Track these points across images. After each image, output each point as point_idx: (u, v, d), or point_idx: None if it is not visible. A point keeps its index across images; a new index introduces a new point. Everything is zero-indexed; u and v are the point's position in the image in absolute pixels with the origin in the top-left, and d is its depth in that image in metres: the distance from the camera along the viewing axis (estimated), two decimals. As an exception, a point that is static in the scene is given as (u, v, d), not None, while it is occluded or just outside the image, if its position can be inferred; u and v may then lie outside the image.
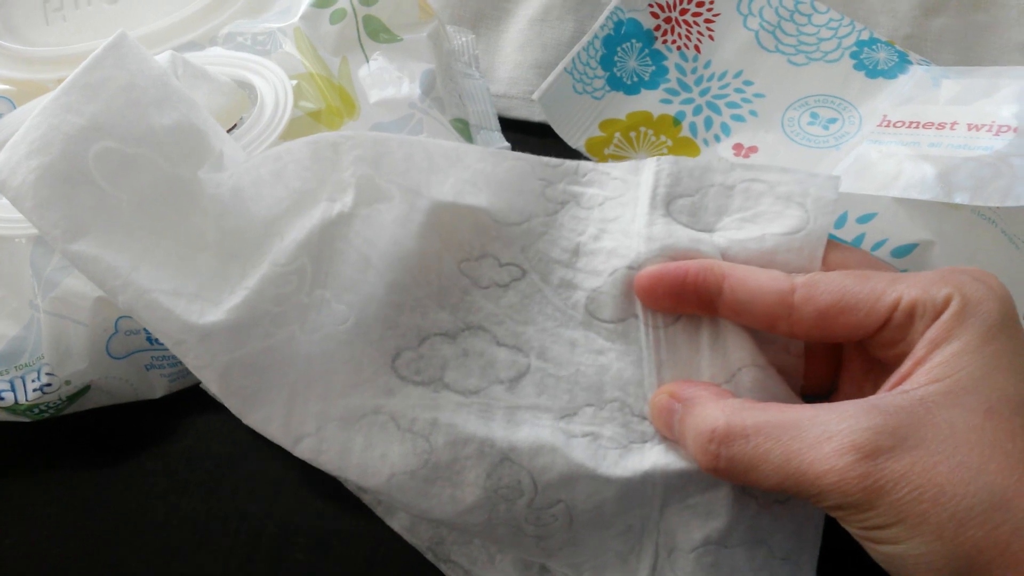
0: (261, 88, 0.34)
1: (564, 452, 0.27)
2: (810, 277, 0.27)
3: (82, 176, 0.26)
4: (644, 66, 0.42)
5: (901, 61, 0.40)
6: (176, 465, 0.35)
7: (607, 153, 0.40)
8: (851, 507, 0.23)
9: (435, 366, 0.28)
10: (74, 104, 0.26)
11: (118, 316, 0.33)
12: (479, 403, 0.28)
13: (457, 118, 0.38)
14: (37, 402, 0.33)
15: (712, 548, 0.27)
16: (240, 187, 0.28)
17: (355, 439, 0.27)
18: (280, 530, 0.34)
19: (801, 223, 0.29)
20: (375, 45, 0.37)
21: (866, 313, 0.25)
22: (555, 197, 0.31)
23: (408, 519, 0.33)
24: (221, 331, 0.26)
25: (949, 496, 0.22)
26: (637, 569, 0.28)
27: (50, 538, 0.34)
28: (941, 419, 0.23)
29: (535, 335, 0.29)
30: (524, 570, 0.31)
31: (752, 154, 0.39)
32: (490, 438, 0.27)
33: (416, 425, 0.27)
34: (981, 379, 0.23)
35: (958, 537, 0.21)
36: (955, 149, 0.35)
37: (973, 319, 0.24)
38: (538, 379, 0.29)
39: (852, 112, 0.39)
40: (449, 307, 0.30)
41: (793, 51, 0.41)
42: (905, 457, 0.22)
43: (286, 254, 0.27)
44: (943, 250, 0.35)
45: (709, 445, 0.25)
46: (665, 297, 0.28)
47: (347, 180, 0.29)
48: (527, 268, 0.30)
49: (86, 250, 0.25)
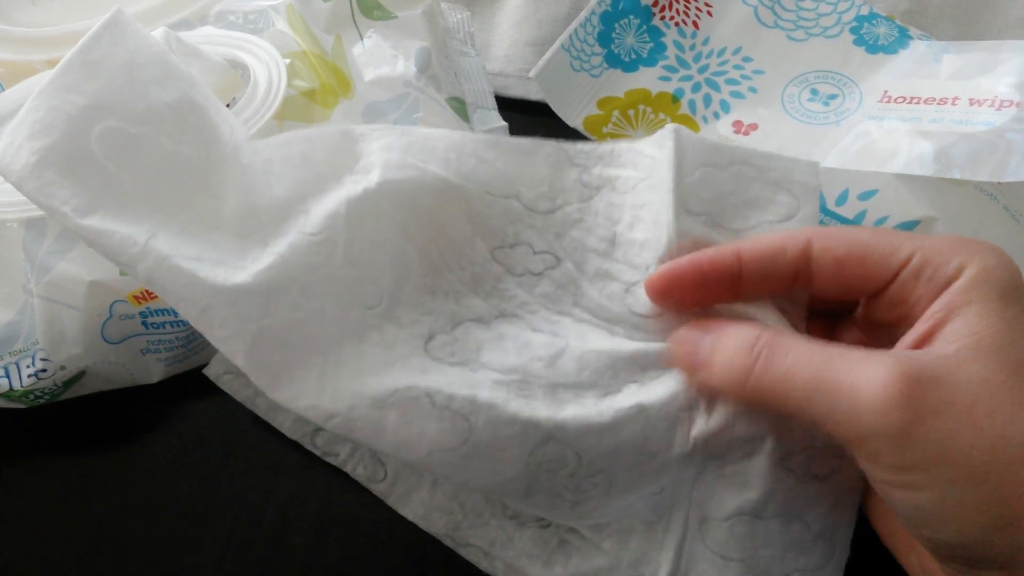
0: (254, 67, 0.34)
1: (612, 429, 0.26)
2: (825, 228, 0.27)
3: (86, 156, 0.25)
4: (642, 43, 0.41)
5: (902, 36, 0.40)
6: (174, 450, 0.35)
7: (605, 132, 0.40)
8: (886, 436, 0.22)
9: (470, 348, 0.28)
10: (73, 84, 0.26)
11: (113, 300, 0.33)
12: (518, 380, 0.27)
13: (453, 96, 0.38)
14: (32, 388, 0.33)
15: (746, 519, 0.27)
16: (271, 160, 0.28)
17: (388, 416, 0.26)
18: (279, 515, 0.34)
19: (791, 210, 0.29)
20: (369, 22, 0.36)
21: (879, 263, 0.25)
22: (591, 183, 0.30)
23: (423, 508, 0.33)
24: (250, 294, 0.25)
25: (987, 436, 0.21)
26: (663, 541, 0.28)
27: (48, 525, 0.34)
28: (972, 370, 0.22)
29: (572, 325, 0.29)
30: (543, 546, 0.31)
31: (752, 131, 0.39)
32: (534, 419, 0.26)
33: (454, 403, 0.26)
34: (1003, 340, 0.23)
35: (999, 485, 0.21)
36: (956, 124, 0.35)
37: (990, 285, 0.24)
38: (577, 355, 0.28)
39: (852, 88, 0.39)
40: (483, 294, 0.29)
41: (792, 27, 0.41)
42: (945, 389, 0.22)
43: (314, 224, 0.27)
44: (945, 226, 0.35)
45: (747, 358, 0.24)
46: (688, 293, 0.27)
47: (373, 162, 0.28)
48: (561, 256, 0.30)
49: (99, 224, 0.25)
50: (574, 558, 0.31)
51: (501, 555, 0.32)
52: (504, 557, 0.32)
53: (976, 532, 0.21)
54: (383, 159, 0.28)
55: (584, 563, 0.30)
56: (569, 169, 0.30)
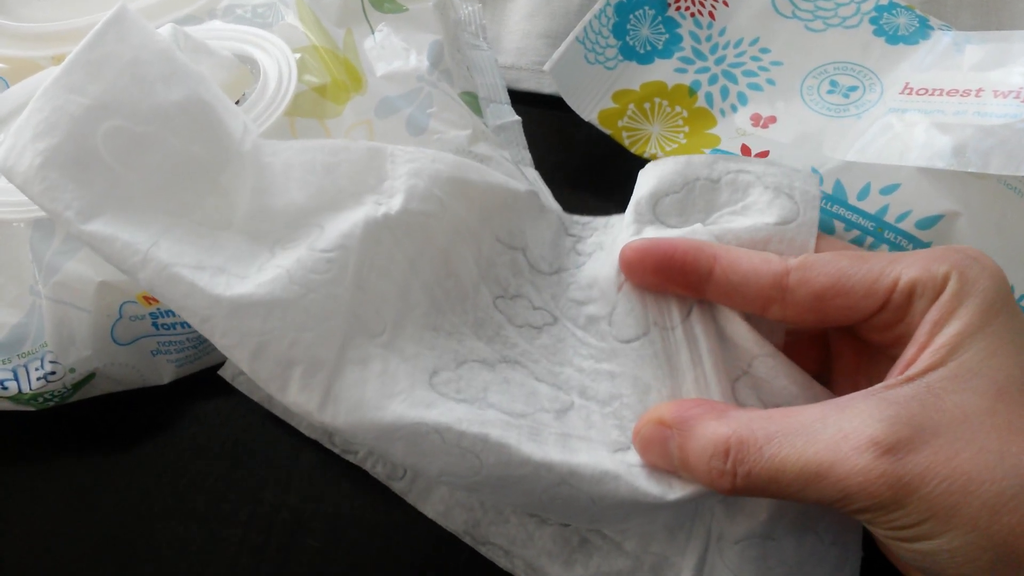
0: (264, 62, 0.33)
1: (628, 480, 0.26)
2: (804, 259, 0.26)
3: (92, 157, 0.25)
4: (657, 34, 0.41)
5: (922, 26, 0.39)
6: (186, 452, 0.35)
7: (620, 125, 0.39)
8: (879, 508, 0.22)
9: (476, 387, 0.27)
10: (77, 83, 0.25)
11: (122, 301, 0.32)
12: (528, 425, 0.26)
13: (466, 91, 0.37)
14: (41, 391, 0.32)
15: (757, 541, 0.27)
16: (291, 165, 0.27)
17: (396, 445, 0.25)
18: (293, 516, 0.33)
19: (792, 214, 0.28)
20: (380, 16, 0.36)
21: (864, 294, 0.25)
22: (585, 250, 0.31)
23: (443, 505, 0.32)
24: (250, 307, 0.24)
25: (977, 484, 0.21)
26: (686, 547, 0.28)
27: (58, 528, 0.33)
28: (951, 404, 0.22)
29: (574, 375, 0.29)
30: (563, 545, 0.31)
31: (771, 124, 0.38)
32: (547, 462, 0.25)
33: (464, 441, 0.25)
34: (985, 360, 0.23)
35: (993, 525, 0.21)
36: (981, 117, 0.34)
37: (971, 299, 0.23)
38: (584, 415, 0.28)
39: (873, 80, 0.38)
40: (485, 338, 0.29)
41: (811, 17, 0.40)
42: (925, 448, 0.22)
43: (327, 241, 0.26)
44: (968, 221, 0.34)
45: (724, 464, 0.24)
46: (651, 272, 0.27)
47: (398, 187, 0.28)
48: (558, 315, 0.30)
49: (101, 230, 0.24)
50: (595, 558, 0.30)
51: (521, 553, 0.31)
52: (524, 555, 0.31)
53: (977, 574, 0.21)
54: (409, 185, 0.28)
55: (605, 564, 0.30)
56: (566, 239, 0.32)
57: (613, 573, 0.30)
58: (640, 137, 0.39)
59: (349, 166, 0.28)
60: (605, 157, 0.41)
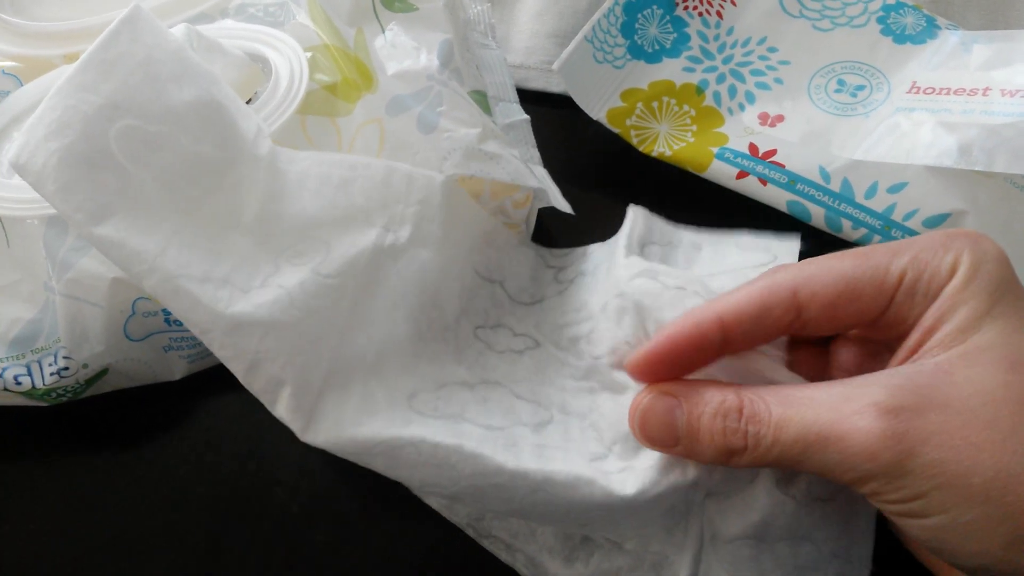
0: (275, 61, 0.33)
1: (602, 484, 0.26)
2: (801, 268, 0.25)
3: (104, 156, 0.25)
4: (665, 33, 0.41)
5: (929, 26, 0.39)
6: (197, 447, 0.35)
7: (629, 124, 0.39)
8: (881, 475, 0.21)
9: (454, 406, 0.28)
10: (90, 82, 0.25)
11: (136, 297, 0.32)
12: (504, 437, 0.27)
13: (475, 90, 0.37)
14: (54, 386, 0.32)
15: (751, 542, 0.27)
16: (307, 175, 0.28)
17: (376, 460, 0.26)
18: (303, 512, 0.34)
19: (770, 259, 0.30)
20: (390, 15, 0.36)
21: (873, 296, 0.24)
22: (565, 278, 0.33)
23: (446, 498, 0.33)
24: (248, 325, 0.25)
25: (988, 454, 0.20)
26: (683, 543, 0.28)
27: (71, 523, 0.34)
28: (962, 378, 0.22)
29: (555, 393, 0.29)
30: (565, 541, 0.31)
31: (779, 123, 0.38)
32: (522, 470, 0.26)
33: (439, 452, 0.25)
34: (996, 339, 0.22)
35: (1005, 497, 0.20)
36: (988, 116, 0.34)
37: (977, 283, 0.23)
38: (563, 429, 0.28)
39: (880, 79, 0.38)
40: (466, 364, 0.30)
41: (818, 16, 0.40)
42: (932, 415, 0.21)
43: (332, 266, 0.27)
44: (976, 220, 0.34)
45: (738, 423, 0.23)
46: (670, 370, 0.26)
47: (408, 216, 0.29)
48: (540, 340, 0.31)
49: (111, 234, 0.25)
50: (596, 556, 0.30)
51: (523, 548, 0.31)
52: (526, 550, 0.31)
53: (994, 552, 0.21)
54: (418, 215, 0.29)
55: (606, 562, 0.30)
56: (545, 271, 0.33)
57: (613, 570, 0.30)
58: (648, 136, 0.39)
59: (366, 182, 0.29)
60: (613, 156, 0.41)
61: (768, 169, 0.36)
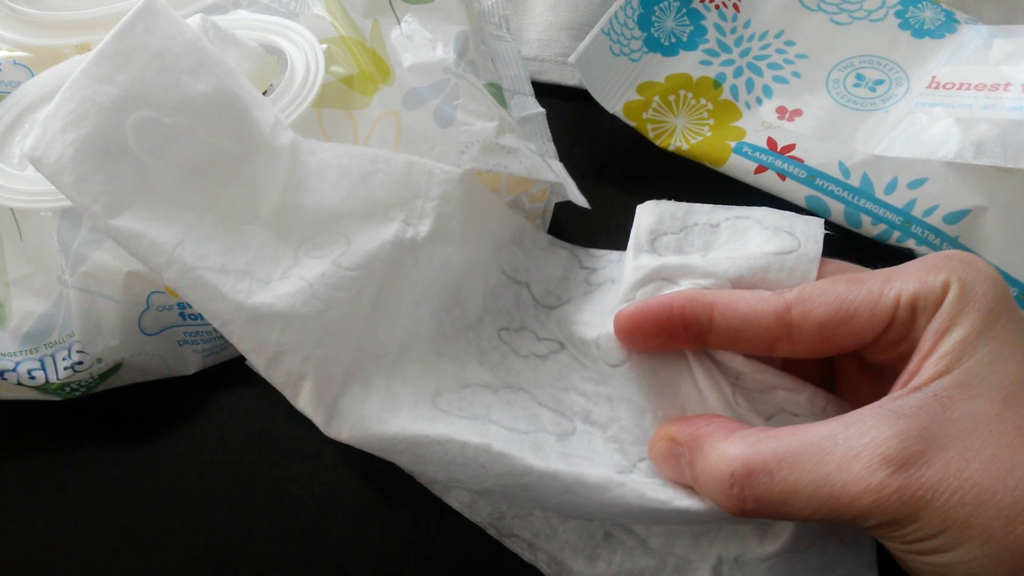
0: (291, 53, 0.33)
1: (633, 487, 0.26)
2: (800, 291, 0.25)
3: (120, 148, 0.25)
4: (682, 26, 0.40)
5: (948, 20, 0.39)
6: (211, 442, 0.35)
7: (645, 117, 0.39)
8: (893, 524, 0.22)
9: (479, 407, 0.27)
10: (106, 74, 0.25)
11: (150, 291, 0.32)
12: (530, 442, 0.27)
13: (491, 82, 0.37)
14: (68, 380, 0.32)
15: (787, 556, 0.27)
16: (327, 167, 0.28)
17: (401, 456, 0.26)
18: (319, 507, 0.33)
19: (792, 245, 0.28)
20: (406, 6, 0.35)
21: (868, 318, 0.24)
22: (595, 281, 0.32)
23: (467, 497, 0.33)
24: (268, 317, 0.25)
25: (991, 493, 0.21)
26: (708, 553, 0.28)
27: (83, 517, 0.34)
28: (960, 413, 0.22)
29: (578, 400, 0.29)
30: (587, 539, 0.31)
31: (797, 117, 0.38)
32: (552, 471, 0.25)
33: (467, 451, 0.25)
34: (990, 366, 0.22)
35: (1008, 535, 0.21)
36: (1009, 111, 0.34)
37: (971, 304, 0.23)
38: (586, 440, 0.28)
39: (900, 73, 0.38)
40: (488, 366, 0.29)
41: (836, 10, 0.40)
42: (936, 461, 0.21)
43: (353, 259, 0.27)
44: (996, 216, 0.34)
45: (732, 489, 0.23)
46: (652, 336, 0.27)
47: (428, 210, 0.29)
48: (564, 343, 0.31)
49: (128, 226, 0.24)
50: (618, 554, 0.30)
51: (545, 547, 0.31)
52: (548, 549, 0.31)
53: None
54: (438, 210, 0.29)
55: (628, 562, 0.30)
56: (578, 271, 0.33)
57: (636, 571, 0.30)
58: (665, 129, 0.39)
59: (386, 176, 0.28)
60: (629, 149, 0.41)
61: (787, 164, 0.36)
